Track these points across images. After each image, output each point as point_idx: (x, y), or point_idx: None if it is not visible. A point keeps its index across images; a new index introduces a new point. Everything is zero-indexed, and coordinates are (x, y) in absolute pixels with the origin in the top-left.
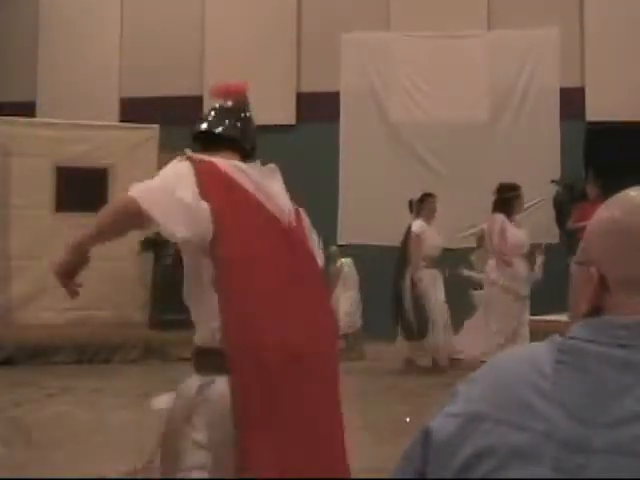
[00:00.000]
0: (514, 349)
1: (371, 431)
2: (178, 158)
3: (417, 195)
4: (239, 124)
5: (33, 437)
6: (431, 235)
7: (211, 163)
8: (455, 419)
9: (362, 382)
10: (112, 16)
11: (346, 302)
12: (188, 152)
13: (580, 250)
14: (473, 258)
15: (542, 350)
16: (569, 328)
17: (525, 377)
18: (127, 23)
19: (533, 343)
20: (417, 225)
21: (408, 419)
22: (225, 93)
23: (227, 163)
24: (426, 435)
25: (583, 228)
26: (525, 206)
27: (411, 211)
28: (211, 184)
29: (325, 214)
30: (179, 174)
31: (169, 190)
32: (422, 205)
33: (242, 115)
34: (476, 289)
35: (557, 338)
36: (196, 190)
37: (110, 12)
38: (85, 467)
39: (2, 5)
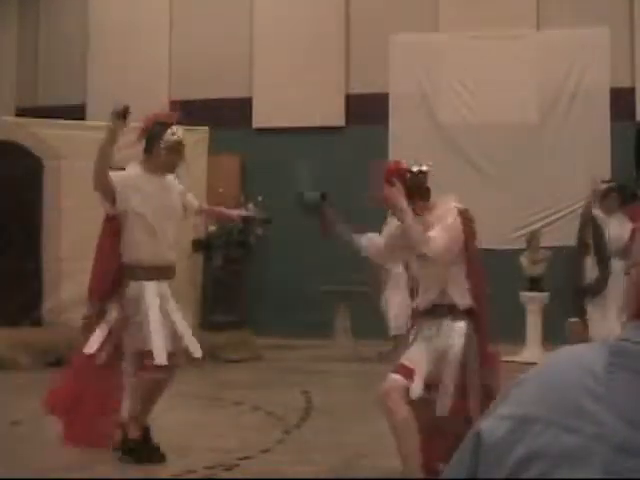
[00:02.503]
0: (565, 350)
1: None
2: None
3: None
4: None
5: None
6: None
7: None
8: (506, 421)
9: None
10: (162, 19)
11: (396, 305)
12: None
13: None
14: (522, 259)
15: (594, 352)
16: (622, 330)
17: (577, 379)
18: (176, 26)
19: (585, 344)
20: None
21: None
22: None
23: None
24: (477, 437)
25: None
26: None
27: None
28: None
29: (375, 216)
30: None
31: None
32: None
33: None
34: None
35: (610, 340)
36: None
37: (160, 15)
38: (133, 468)
39: (52, 10)
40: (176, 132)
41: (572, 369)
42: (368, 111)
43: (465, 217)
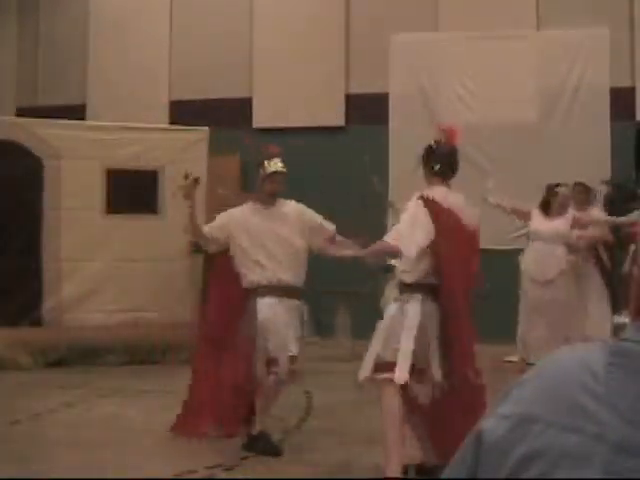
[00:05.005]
0: (566, 350)
1: None
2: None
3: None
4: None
5: (83, 438)
6: None
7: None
8: (506, 420)
9: None
10: (161, 19)
11: None
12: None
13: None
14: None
15: (595, 352)
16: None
17: (577, 379)
18: (176, 26)
19: (586, 344)
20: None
21: None
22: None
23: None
24: (478, 436)
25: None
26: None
27: None
28: None
29: (375, 215)
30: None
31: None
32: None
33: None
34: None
35: (610, 340)
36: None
37: (159, 15)
38: (133, 468)
39: (52, 9)
40: (273, 163)
41: (572, 369)
42: (368, 111)
43: (430, 204)
